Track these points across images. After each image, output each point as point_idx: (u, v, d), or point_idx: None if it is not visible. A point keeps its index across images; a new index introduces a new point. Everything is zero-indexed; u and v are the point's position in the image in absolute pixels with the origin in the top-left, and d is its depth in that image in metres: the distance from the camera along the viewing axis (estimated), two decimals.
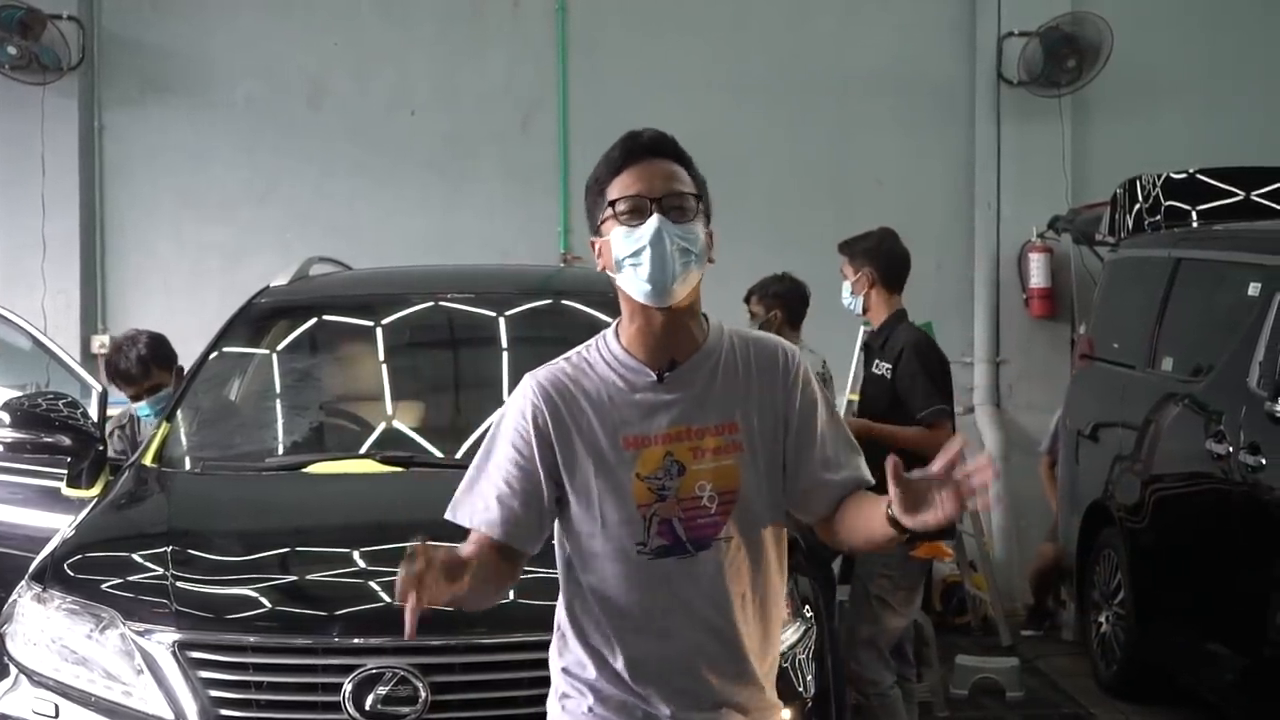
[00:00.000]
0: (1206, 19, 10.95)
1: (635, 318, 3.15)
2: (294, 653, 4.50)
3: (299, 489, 5.65)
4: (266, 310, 6.62)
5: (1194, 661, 7.06)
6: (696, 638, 3.12)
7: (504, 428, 3.18)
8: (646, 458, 3.09)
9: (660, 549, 3.08)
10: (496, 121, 10.77)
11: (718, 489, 3.09)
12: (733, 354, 3.17)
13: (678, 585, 3.09)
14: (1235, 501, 6.46)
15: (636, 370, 3.14)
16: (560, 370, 3.19)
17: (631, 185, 3.11)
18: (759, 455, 3.13)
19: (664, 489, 3.08)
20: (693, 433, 3.10)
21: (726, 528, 3.09)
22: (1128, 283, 8.43)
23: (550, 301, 6.88)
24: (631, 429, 3.10)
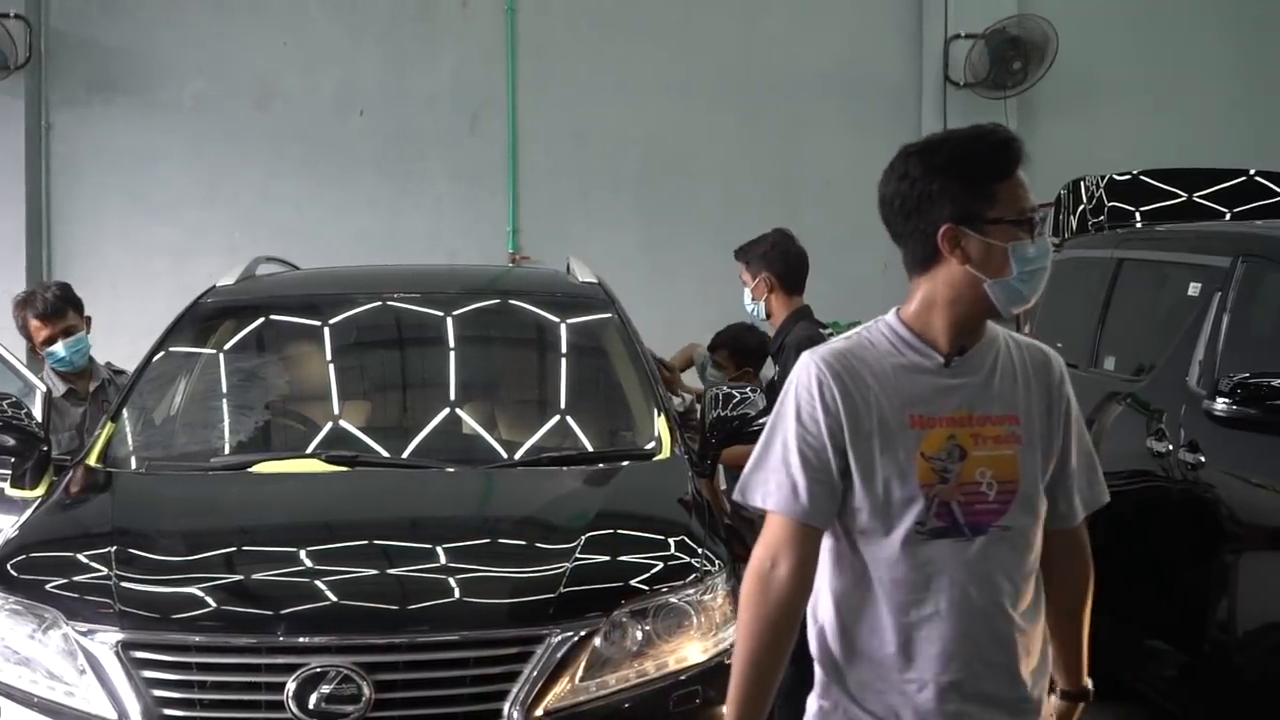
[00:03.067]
0: (1150, 22, 11.06)
1: (948, 307, 3.12)
2: (238, 652, 4.50)
3: (244, 488, 5.64)
4: (212, 310, 6.60)
5: (1136, 658, 7.10)
6: (966, 623, 3.09)
7: (788, 406, 3.15)
8: (931, 438, 3.09)
9: (936, 530, 3.08)
10: (445, 122, 10.78)
11: (997, 477, 3.10)
12: (1008, 351, 3.19)
13: (951, 568, 3.08)
14: (1175, 499, 6.51)
15: (923, 351, 3.13)
16: (842, 349, 3.17)
17: (1024, 196, 3.10)
18: (1037, 450, 3.15)
19: (946, 471, 3.08)
20: (975, 419, 3.11)
21: (1005, 517, 3.10)
22: (1071, 283, 8.47)
23: (498, 301, 6.89)
24: (919, 408, 3.10)
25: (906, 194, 3.10)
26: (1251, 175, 8.83)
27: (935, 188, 3.07)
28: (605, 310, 6.57)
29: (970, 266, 3.07)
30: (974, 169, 3.07)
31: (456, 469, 5.71)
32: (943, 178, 3.07)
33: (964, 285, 3.09)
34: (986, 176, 3.07)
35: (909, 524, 3.07)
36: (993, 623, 3.10)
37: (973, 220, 3.06)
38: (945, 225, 3.06)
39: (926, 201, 3.08)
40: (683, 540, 4.97)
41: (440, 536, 5.12)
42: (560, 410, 6.20)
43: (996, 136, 3.11)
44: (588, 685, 4.46)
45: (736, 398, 5.88)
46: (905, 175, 3.10)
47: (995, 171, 3.07)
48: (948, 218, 3.06)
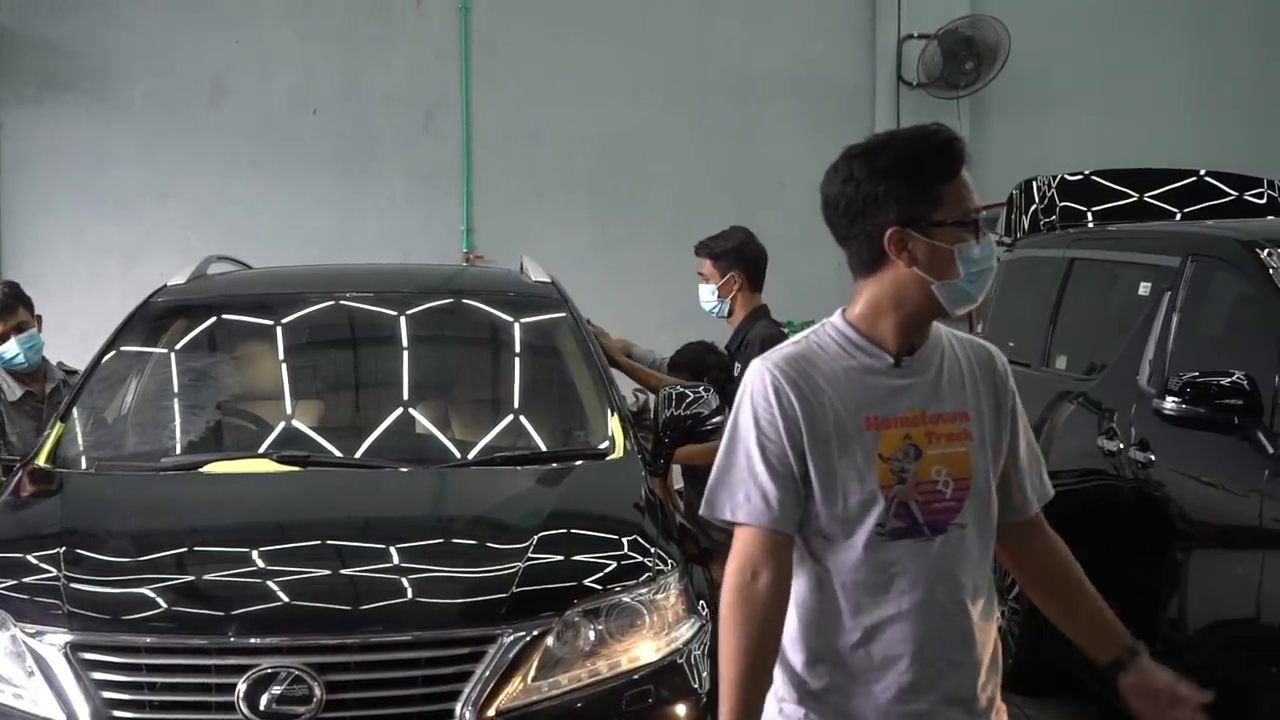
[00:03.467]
0: (1102, 24, 11.12)
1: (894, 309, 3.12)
2: (188, 653, 4.48)
3: (195, 489, 5.61)
4: (163, 309, 6.56)
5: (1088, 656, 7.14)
6: (929, 622, 3.09)
7: (745, 416, 3.13)
8: (888, 439, 3.08)
9: (897, 530, 3.07)
10: (399, 121, 10.75)
11: (952, 475, 3.10)
12: (952, 349, 3.20)
13: (913, 568, 3.08)
14: (1126, 498, 6.55)
15: (872, 353, 3.13)
16: (792, 353, 3.16)
17: (969, 197, 3.11)
18: (987, 446, 3.16)
19: (904, 471, 3.07)
20: (929, 417, 3.11)
21: (961, 514, 3.11)
22: (1023, 282, 8.51)
23: (451, 301, 6.87)
24: (873, 410, 3.09)
25: (851, 197, 3.10)
26: (1202, 176, 8.89)
27: (880, 190, 3.06)
28: (558, 310, 6.57)
29: (917, 269, 3.07)
30: (919, 171, 3.07)
31: (409, 469, 5.70)
32: (888, 181, 3.06)
33: (911, 287, 3.09)
34: (931, 178, 3.07)
35: (870, 526, 3.07)
36: (955, 621, 3.11)
37: (918, 223, 3.06)
38: (891, 228, 3.06)
39: (871, 204, 3.07)
40: (635, 540, 4.97)
41: (392, 536, 5.10)
42: (514, 410, 6.19)
43: (940, 137, 3.11)
44: (540, 685, 4.46)
45: (690, 397, 5.89)
46: (850, 178, 3.10)
47: (940, 173, 3.08)
48: (893, 221, 3.06)
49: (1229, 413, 5.65)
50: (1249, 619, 5.55)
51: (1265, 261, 5.99)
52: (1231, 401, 5.63)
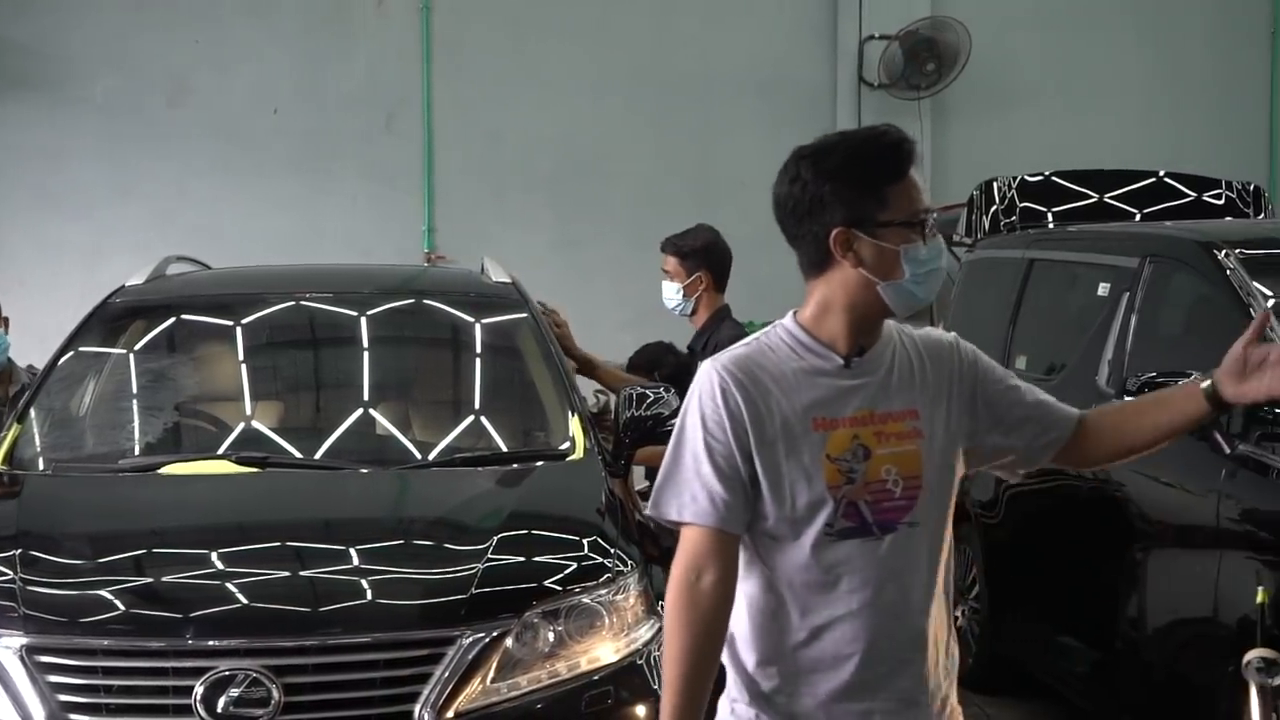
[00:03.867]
0: (1062, 25, 11.17)
1: (844, 310, 3.12)
2: (145, 655, 4.46)
3: (153, 490, 5.58)
4: (122, 310, 6.53)
5: (1047, 655, 7.17)
6: (878, 622, 3.08)
7: (693, 417, 3.13)
8: (835, 440, 3.07)
9: (845, 530, 3.06)
10: (360, 121, 10.73)
11: (902, 474, 3.09)
12: (902, 346, 3.19)
13: (862, 568, 3.07)
14: (1084, 497, 6.57)
15: (822, 354, 3.12)
16: (741, 354, 3.15)
17: (916, 198, 3.09)
18: (938, 442, 3.14)
19: (853, 471, 3.06)
20: (877, 417, 3.10)
21: (912, 513, 3.10)
22: (984, 283, 8.54)
23: (411, 301, 6.85)
24: (821, 411, 3.09)
25: (799, 197, 3.09)
26: (1161, 176, 8.94)
27: (827, 191, 3.06)
28: (519, 310, 6.56)
29: (863, 269, 3.07)
30: (866, 172, 3.07)
31: (369, 470, 5.69)
32: (835, 181, 3.06)
33: (858, 288, 3.09)
34: (878, 179, 3.07)
35: (818, 527, 3.06)
36: (904, 620, 3.11)
37: (865, 223, 3.06)
38: (837, 229, 3.06)
39: (819, 205, 3.07)
40: (595, 541, 4.98)
41: (352, 538, 5.10)
42: (474, 411, 6.18)
43: (889, 138, 3.10)
44: (499, 686, 4.46)
45: (650, 397, 5.89)
46: (797, 178, 3.09)
47: (887, 174, 3.07)
48: (840, 221, 3.06)
49: None
50: (1206, 618, 5.58)
51: (1222, 262, 6.02)
52: None
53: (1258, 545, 5.37)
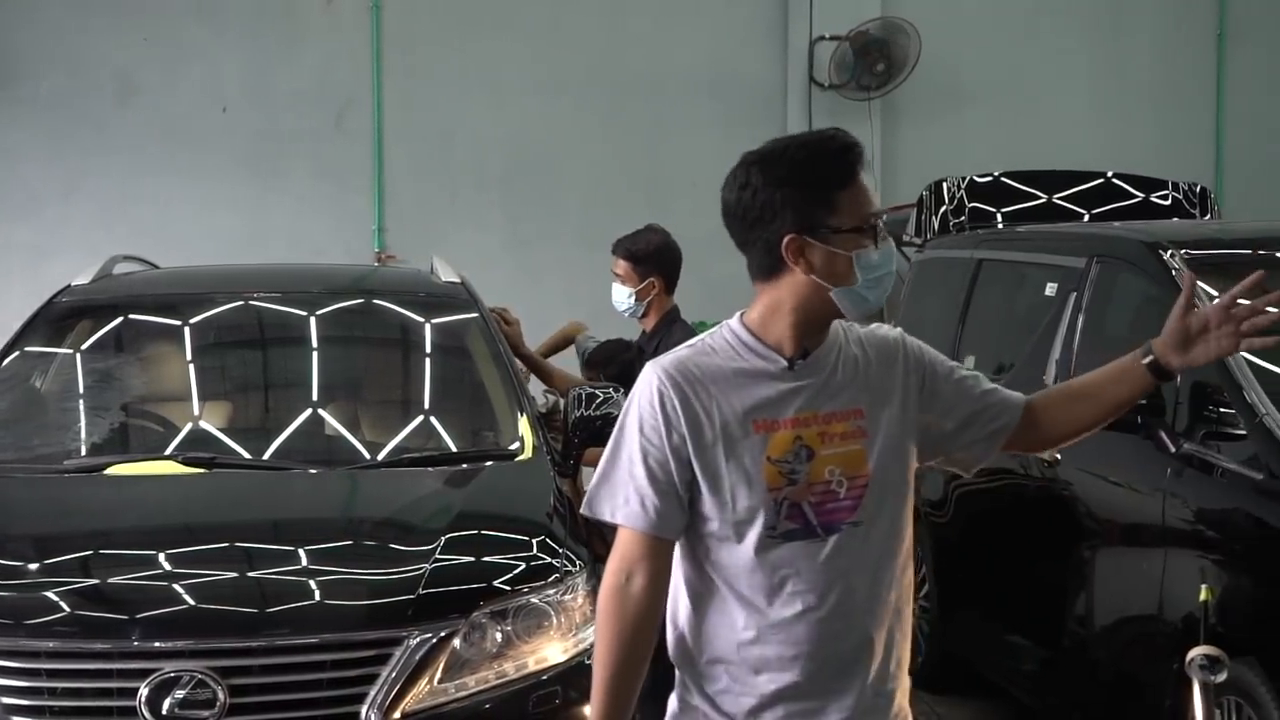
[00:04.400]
0: (1011, 26, 11.23)
1: (792, 313, 3.10)
2: (90, 658, 4.44)
3: (99, 491, 5.55)
4: (68, 309, 6.50)
5: (996, 653, 7.20)
6: (821, 623, 3.07)
7: (631, 419, 3.13)
8: (776, 441, 3.06)
9: (788, 532, 3.05)
10: (310, 119, 10.68)
11: (846, 474, 3.08)
12: (848, 344, 3.18)
13: (806, 570, 3.06)
14: (1032, 496, 6.60)
15: (766, 356, 3.11)
16: (683, 357, 3.14)
17: (866, 202, 3.07)
18: (883, 440, 3.13)
19: (794, 473, 3.05)
20: (820, 417, 3.09)
21: (858, 512, 3.08)
22: (933, 282, 8.57)
23: (360, 301, 6.83)
24: (762, 413, 3.07)
25: (749, 204, 3.07)
26: (1109, 177, 8.99)
27: (777, 198, 3.04)
28: (468, 310, 6.55)
29: (815, 275, 3.06)
30: (815, 177, 3.04)
31: (318, 470, 5.67)
32: (785, 188, 3.04)
33: (809, 293, 3.08)
34: (828, 185, 3.04)
35: (759, 529, 3.05)
36: (851, 621, 3.09)
37: (815, 229, 3.04)
38: (789, 235, 3.04)
39: (769, 211, 3.05)
40: (544, 541, 4.98)
41: (299, 538, 5.08)
42: (423, 411, 6.17)
43: (836, 143, 3.08)
44: (446, 687, 4.45)
45: (599, 397, 5.89)
46: (747, 184, 3.07)
47: (837, 179, 3.05)
48: (791, 227, 3.04)
49: (1132, 412, 5.70)
50: (1152, 616, 5.61)
51: (1168, 263, 6.06)
52: None
53: (1203, 544, 5.41)
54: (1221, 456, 5.40)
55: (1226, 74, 11.42)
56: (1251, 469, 5.23)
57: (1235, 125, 11.39)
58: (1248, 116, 11.37)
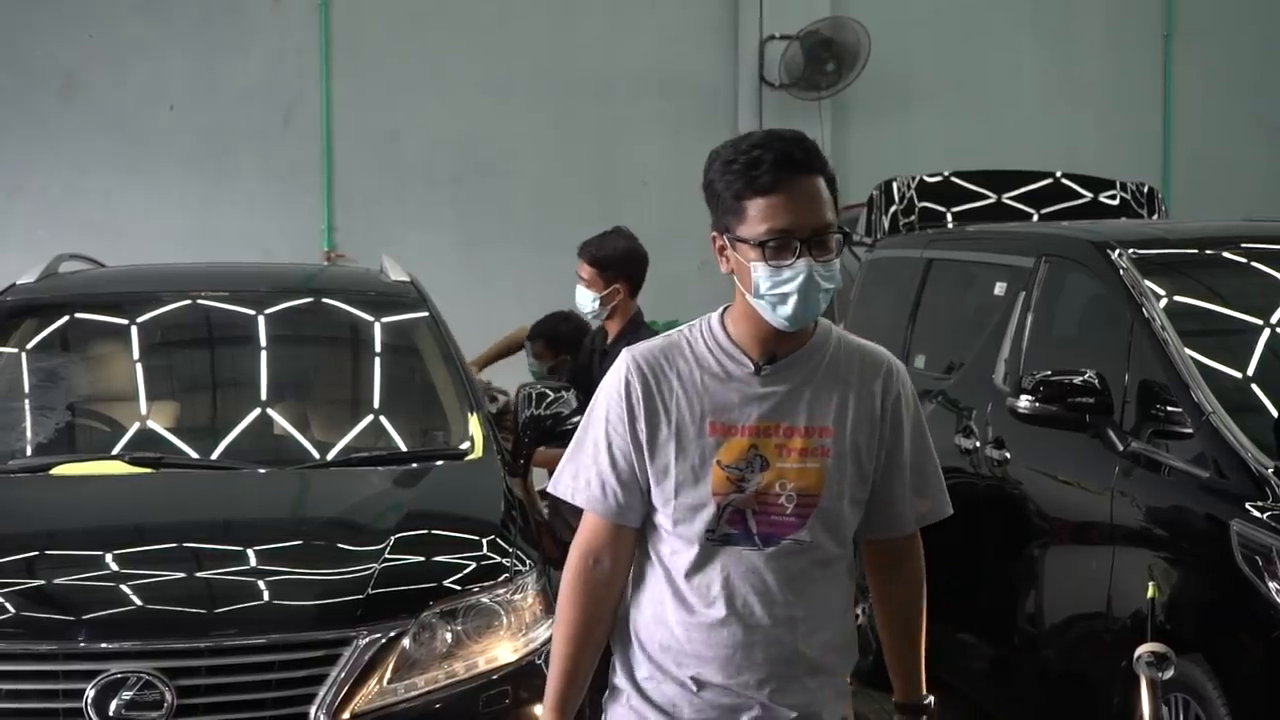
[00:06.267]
0: (961, 26, 11.27)
1: (744, 315, 3.08)
2: (35, 659, 4.40)
3: (44, 491, 5.51)
4: (12, 308, 6.44)
5: (947, 651, 7.21)
6: (746, 630, 3.07)
7: (599, 405, 3.14)
8: (731, 446, 3.04)
9: (727, 537, 3.04)
10: (258, 117, 10.63)
11: (798, 490, 3.04)
12: (837, 359, 3.11)
13: (738, 576, 3.05)
14: (983, 495, 6.63)
15: (736, 358, 3.08)
16: (658, 347, 3.14)
17: (780, 216, 2.96)
18: (848, 463, 3.08)
19: (744, 481, 3.03)
20: (783, 430, 3.05)
21: (800, 531, 3.05)
22: (883, 282, 8.59)
23: (309, 300, 6.80)
24: (720, 416, 3.05)
25: (706, 193, 3.08)
26: (1058, 177, 9.04)
27: (712, 191, 3.05)
28: (418, 309, 6.53)
29: (736, 277, 3.06)
30: (733, 181, 2.99)
31: (266, 470, 5.64)
32: (711, 186, 3.05)
33: (738, 294, 3.08)
34: (743, 190, 2.98)
35: (699, 529, 3.05)
36: (775, 631, 3.08)
37: (727, 232, 3.04)
38: (713, 233, 3.08)
39: (711, 203, 3.07)
40: (494, 540, 4.97)
41: (248, 539, 5.05)
42: (372, 410, 6.15)
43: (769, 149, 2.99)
44: (396, 687, 4.44)
45: (550, 397, 5.89)
46: (706, 173, 3.07)
47: (751, 187, 2.98)
48: (714, 225, 3.07)
49: (1081, 411, 5.74)
50: (1101, 614, 5.64)
51: (1115, 262, 6.09)
52: (1083, 400, 5.72)
53: (1150, 542, 5.45)
54: (1169, 455, 5.43)
55: (1174, 74, 11.50)
56: (1198, 467, 5.27)
57: (1183, 125, 11.47)
58: (1195, 117, 11.45)
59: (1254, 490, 4.99)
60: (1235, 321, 6.05)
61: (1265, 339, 5.82)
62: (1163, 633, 4.78)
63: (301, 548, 5.00)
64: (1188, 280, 6.22)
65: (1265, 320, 5.92)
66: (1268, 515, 4.85)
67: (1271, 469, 5.01)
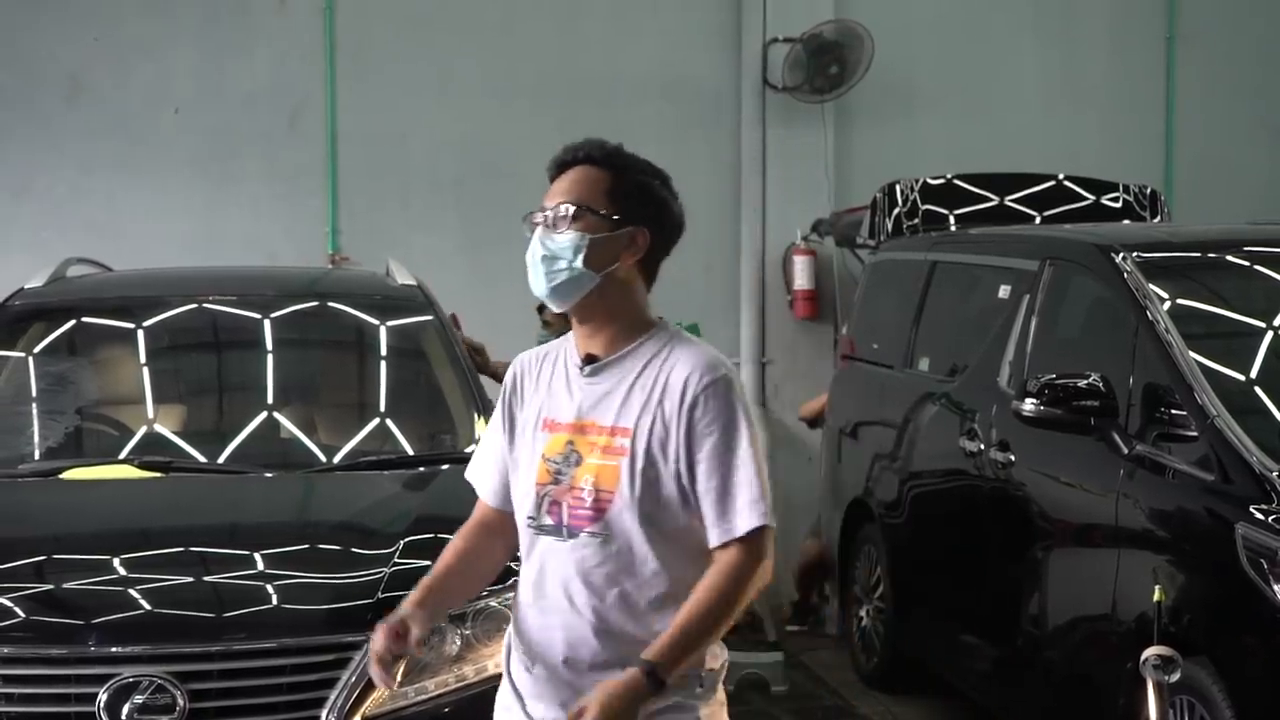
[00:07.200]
0: (964, 29, 11.26)
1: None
2: (48, 663, 4.43)
3: (54, 495, 5.55)
4: (21, 313, 6.47)
5: (950, 653, 7.26)
6: (556, 617, 3.26)
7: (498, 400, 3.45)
8: (553, 441, 3.28)
9: (545, 527, 3.26)
10: (263, 120, 10.62)
11: (597, 485, 3.21)
12: (658, 363, 3.25)
13: (554, 564, 3.26)
14: (987, 497, 6.66)
15: (573, 360, 3.33)
16: (539, 351, 3.45)
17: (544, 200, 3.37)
18: (640, 464, 3.20)
19: (560, 474, 3.25)
20: (593, 428, 3.25)
21: (599, 525, 3.21)
22: (886, 285, 8.62)
23: (316, 304, 6.82)
24: (552, 413, 3.30)
25: None
26: (1061, 180, 9.08)
27: None
28: (424, 313, 6.56)
29: None
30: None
31: (274, 474, 5.67)
32: None
33: None
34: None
35: (524, 518, 3.30)
36: (579, 618, 3.23)
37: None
38: None
39: None
40: None
41: (257, 543, 5.08)
42: (379, 414, 6.18)
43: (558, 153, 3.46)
44: (406, 691, 4.46)
45: None
46: None
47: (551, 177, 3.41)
48: None
49: (1085, 414, 5.76)
50: (1105, 616, 5.67)
51: (1119, 265, 6.12)
52: (1087, 403, 5.75)
53: (1155, 544, 5.47)
54: (1173, 458, 5.46)
55: (1177, 77, 11.49)
56: (1203, 470, 5.30)
57: (1185, 128, 11.46)
58: (1198, 119, 11.44)
59: (1259, 493, 5.01)
60: (1239, 324, 6.08)
61: (1269, 342, 5.84)
62: (1168, 636, 4.80)
63: (311, 552, 5.03)
64: (1191, 283, 6.24)
65: (1269, 323, 5.95)
66: (1272, 518, 4.87)
67: (1276, 472, 5.03)
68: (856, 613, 8.33)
